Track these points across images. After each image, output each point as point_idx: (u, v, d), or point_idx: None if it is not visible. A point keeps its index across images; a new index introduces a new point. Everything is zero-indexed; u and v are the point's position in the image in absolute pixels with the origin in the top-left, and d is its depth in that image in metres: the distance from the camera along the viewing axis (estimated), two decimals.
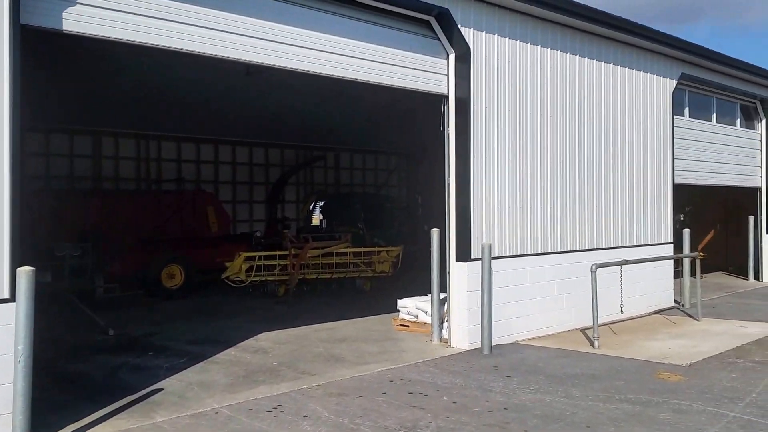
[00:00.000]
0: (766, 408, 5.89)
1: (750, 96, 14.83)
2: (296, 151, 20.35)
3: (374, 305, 11.83)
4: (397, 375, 7.31)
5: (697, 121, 13.38)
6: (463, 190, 8.61)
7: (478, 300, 8.39)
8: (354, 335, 9.59)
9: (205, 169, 18.81)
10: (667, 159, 11.94)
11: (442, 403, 6.26)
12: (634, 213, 11.22)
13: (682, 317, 10.82)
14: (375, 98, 12.41)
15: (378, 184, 22.56)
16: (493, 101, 8.94)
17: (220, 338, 9.52)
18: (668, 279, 11.86)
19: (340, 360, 8.09)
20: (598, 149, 10.54)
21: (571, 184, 10.07)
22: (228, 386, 6.96)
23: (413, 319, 9.79)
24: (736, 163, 14.54)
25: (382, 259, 13.60)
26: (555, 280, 9.65)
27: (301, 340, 9.33)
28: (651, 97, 11.61)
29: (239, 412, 6.08)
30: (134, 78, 11.71)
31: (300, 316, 11.27)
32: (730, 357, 7.86)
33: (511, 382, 6.93)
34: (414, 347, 8.70)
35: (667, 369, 7.35)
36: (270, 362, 8.03)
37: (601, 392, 6.49)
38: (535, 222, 9.49)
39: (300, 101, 13.56)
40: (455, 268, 8.67)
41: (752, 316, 10.83)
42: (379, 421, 5.75)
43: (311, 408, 6.16)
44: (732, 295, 13.50)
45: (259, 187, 19.81)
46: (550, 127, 9.73)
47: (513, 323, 9.00)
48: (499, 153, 9.00)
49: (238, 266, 12.53)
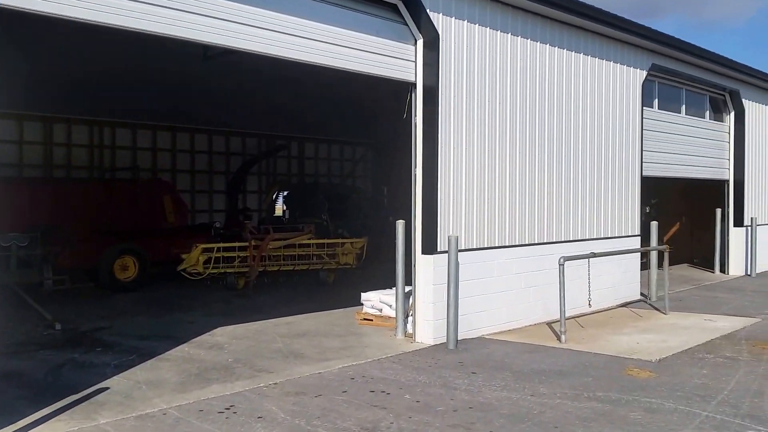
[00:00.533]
0: (738, 407, 5.74)
1: (719, 88, 14.87)
2: (259, 140, 19.76)
3: (338, 298, 11.48)
4: (359, 372, 6.99)
5: (667, 113, 13.34)
6: (430, 182, 8.31)
7: (444, 294, 8.12)
8: (315, 330, 9.23)
9: (162, 157, 18.08)
10: (635, 151, 11.85)
11: (405, 402, 5.97)
12: (602, 205, 11.09)
13: (650, 311, 10.74)
14: (340, 86, 12.08)
15: (343, 174, 22.15)
16: (462, 90, 8.63)
17: (174, 333, 9.06)
18: (635, 272, 11.81)
19: (300, 356, 7.72)
20: (567, 141, 10.35)
21: (539, 176, 9.86)
22: (179, 385, 6.56)
23: (377, 313, 9.47)
24: (705, 155, 14.58)
25: (346, 251, 13.24)
26: (522, 273, 9.45)
27: (259, 335, 8.92)
28: (621, 87, 11.48)
29: (189, 414, 5.69)
30: (85, 61, 11.08)
31: (260, 309, 10.85)
32: (700, 352, 7.74)
33: (477, 379, 6.67)
34: (377, 342, 8.39)
35: (636, 365, 7.19)
36: (225, 359, 7.63)
37: (569, 390, 6.28)
38: (502, 214, 9.25)
39: (261, 88, 13.13)
40: (421, 260, 8.37)
41: (720, 309, 10.81)
42: (337, 422, 5.42)
43: (266, 408, 5.80)
44: (698, 288, 13.52)
45: (220, 177, 19.17)
46: (519, 117, 9.49)
47: (479, 317, 8.76)
48: (467, 144, 8.71)
49: (195, 258, 12.02)
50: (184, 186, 18.16)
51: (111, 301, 12.08)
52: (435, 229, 8.30)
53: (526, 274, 9.51)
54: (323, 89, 12.51)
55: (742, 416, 5.46)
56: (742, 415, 5.48)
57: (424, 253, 8.34)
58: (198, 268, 12.15)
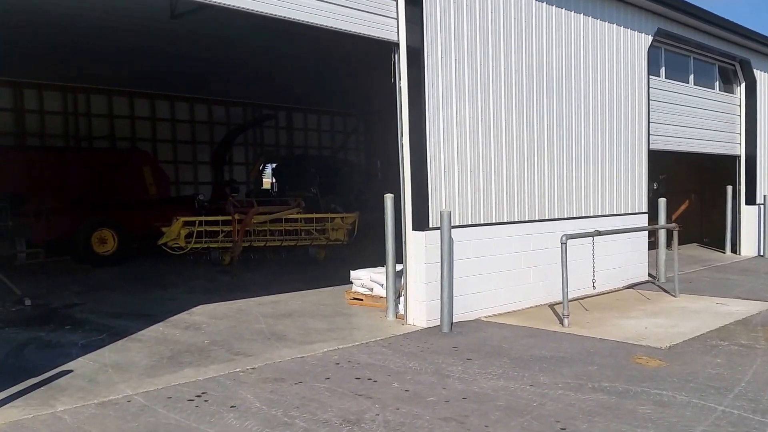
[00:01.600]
0: (757, 401, 5.21)
1: (729, 57, 14.09)
2: (244, 109, 18.95)
3: (327, 276, 10.95)
4: (344, 356, 6.44)
5: (674, 83, 12.61)
6: (419, 152, 7.68)
7: (437, 273, 7.55)
8: (301, 310, 8.67)
9: (141, 125, 17.29)
10: (642, 122, 11.18)
11: (393, 390, 5.43)
12: (606, 180, 10.47)
13: (658, 293, 10.14)
14: (327, 53, 11.45)
15: (335, 146, 21.42)
16: (451, 51, 7.93)
17: (150, 311, 8.54)
18: (643, 252, 11.20)
19: (282, 338, 7.18)
20: (568, 109, 9.67)
21: (539, 148, 9.20)
22: (148, 369, 6.06)
23: (368, 292, 8.91)
24: (715, 129, 13.87)
25: (336, 226, 12.62)
26: (522, 252, 8.86)
27: (241, 314, 8.37)
28: (625, 53, 10.76)
29: (156, 401, 5.18)
30: (57, 24, 10.33)
31: (244, 287, 10.31)
32: (713, 339, 7.17)
33: (472, 366, 6.13)
34: (366, 324, 7.84)
35: (644, 352, 6.63)
36: (201, 340, 7.09)
37: (572, 379, 5.74)
38: (500, 188, 8.63)
39: (243, 55, 12.43)
40: (411, 237, 7.78)
41: (732, 292, 10.20)
42: (318, 413, 4.89)
43: (241, 396, 5.28)
44: (709, 269, 12.90)
45: (204, 147, 18.42)
46: (515, 83, 8.80)
47: (475, 298, 8.21)
48: (458, 110, 8.04)
49: (176, 231, 11.43)
50: (166, 157, 17.49)
51: (88, 276, 11.53)
52: (426, 203, 7.69)
53: (527, 252, 8.93)
54: (308, 55, 11.84)
55: (763, 412, 4.94)
56: (763, 411, 4.96)
57: (414, 229, 7.74)
58: (179, 242, 11.58)
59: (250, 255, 12.64)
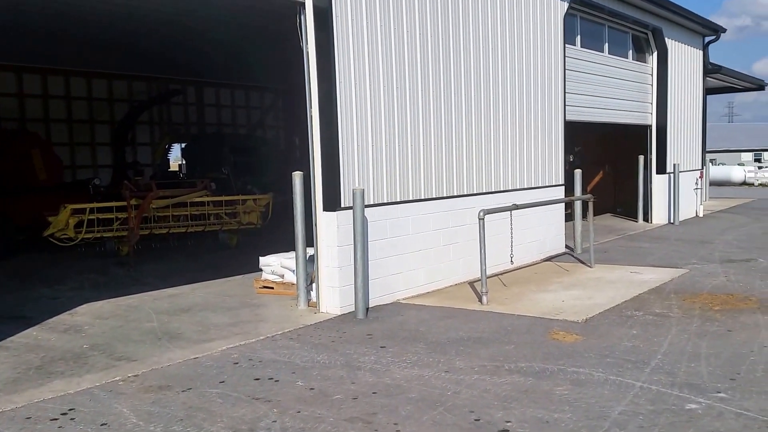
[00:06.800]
0: (674, 374, 5.02)
1: (642, 25, 14.17)
2: (148, 84, 17.39)
3: (237, 263, 10.16)
4: (245, 354, 5.80)
5: (590, 52, 12.51)
6: (329, 124, 7.06)
7: (350, 256, 7.01)
8: (203, 303, 7.90)
9: (30, 104, 15.55)
10: (558, 93, 10.98)
11: (296, 390, 4.86)
12: (525, 153, 10.20)
13: (575, 264, 10.09)
14: (237, 18, 10.45)
15: (251, 124, 20.23)
16: (362, 12, 7.31)
17: (27, 313, 7.56)
18: (560, 224, 11.13)
19: (176, 337, 6.42)
20: (486, 79, 9.27)
21: (456, 121, 8.76)
22: (11, 383, 5.21)
23: (278, 279, 8.25)
24: (629, 99, 13.97)
25: (248, 208, 11.76)
26: (440, 229, 8.45)
27: (131, 312, 7.51)
28: (542, 21, 10.47)
29: (12, 423, 4.39)
30: None
31: (140, 280, 9.38)
32: (628, 309, 7.06)
33: (386, 355, 5.66)
34: (275, 315, 7.21)
35: (561, 327, 6.40)
36: (80, 345, 6.24)
37: (488, 361, 5.39)
38: (416, 164, 8.13)
39: (144, 22, 11.19)
40: (322, 218, 7.17)
41: (645, 260, 10.29)
42: (204, 426, 4.26)
43: (116, 411, 4.56)
44: (623, 238, 13.04)
45: (103, 127, 16.83)
46: (431, 53, 8.28)
47: (393, 280, 7.73)
48: (372, 79, 7.44)
49: (64, 221, 10.25)
50: (61, 138, 15.86)
51: None
52: (337, 181, 7.09)
53: (446, 230, 8.52)
54: (218, 23, 10.79)
55: (680, 386, 4.75)
56: (680, 385, 4.77)
57: (325, 210, 7.14)
58: (68, 232, 10.39)
59: (152, 244, 11.60)
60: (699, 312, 6.87)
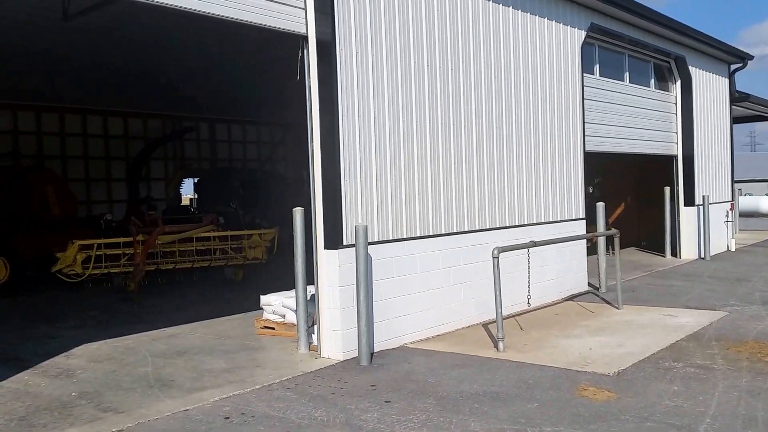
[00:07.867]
0: None
1: (664, 54, 13.69)
2: (162, 122, 17.65)
3: (241, 300, 9.80)
4: (238, 406, 5.35)
5: (609, 81, 12.05)
6: (331, 158, 6.71)
7: (353, 296, 6.56)
8: (200, 345, 7.50)
9: (49, 142, 15.86)
10: (576, 123, 10.54)
11: None
12: (541, 186, 9.72)
13: (600, 304, 9.37)
14: (246, 56, 10.46)
15: (261, 158, 20.24)
16: (367, 46, 7.00)
17: (22, 354, 7.27)
18: (581, 260, 10.50)
19: (168, 385, 6.01)
20: (498, 110, 8.87)
21: (467, 152, 8.35)
22: None
23: (279, 319, 7.83)
24: (651, 128, 13.39)
25: (254, 243, 11.47)
26: (450, 268, 7.96)
27: (127, 355, 7.14)
28: (558, 49, 10.11)
29: None
30: None
31: (142, 317, 9.05)
32: (666, 360, 6.36)
33: (390, 412, 5.14)
34: (274, 360, 6.76)
35: (590, 381, 5.76)
36: (69, 392, 5.87)
37: (508, 423, 4.81)
38: (424, 198, 7.71)
39: (158, 65, 11.27)
40: (324, 256, 6.76)
41: (678, 301, 9.51)
42: None
43: None
44: (651, 275, 12.21)
45: (119, 163, 17.04)
46: (441, 84, 7.93)
47: (399, 323, 7.25)
48: (376, 112, 7.10)
49: (72, 257, 10.07)
50: (76, 174, 16.08)
51: None
52: (339, 217, 6.70)
53: (456, 268, 8.04)
54: (225, 59, 10.78)
55: None
56: None
57: (327, 247, 6.73)
58: (76, 268, 10.18)
59: (158, 279, 11.33)
60: (747, 364, 6.14)
